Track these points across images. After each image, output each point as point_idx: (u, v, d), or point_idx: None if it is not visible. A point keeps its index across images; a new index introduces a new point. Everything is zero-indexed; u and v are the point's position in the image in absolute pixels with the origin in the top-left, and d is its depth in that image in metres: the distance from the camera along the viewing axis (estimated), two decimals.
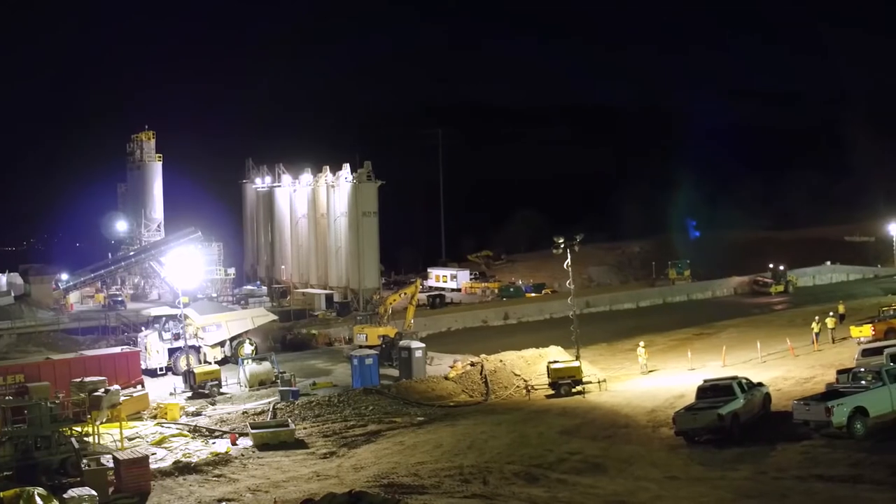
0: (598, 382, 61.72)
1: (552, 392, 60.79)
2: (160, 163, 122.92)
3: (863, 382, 41.83)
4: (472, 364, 66.83)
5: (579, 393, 60.00)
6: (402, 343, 68.93)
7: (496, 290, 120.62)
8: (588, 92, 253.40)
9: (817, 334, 67.47)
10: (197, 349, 71.40)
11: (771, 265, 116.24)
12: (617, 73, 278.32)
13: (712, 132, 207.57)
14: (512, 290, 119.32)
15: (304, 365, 72.71)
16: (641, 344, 68.30)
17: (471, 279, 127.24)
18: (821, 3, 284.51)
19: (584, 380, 61.21)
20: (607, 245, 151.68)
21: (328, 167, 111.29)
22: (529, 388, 62.26)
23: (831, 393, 42.19)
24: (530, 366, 65.93)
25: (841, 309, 79.60)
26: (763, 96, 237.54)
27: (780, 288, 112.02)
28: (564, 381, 60.70)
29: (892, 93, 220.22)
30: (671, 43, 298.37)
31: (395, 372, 67.10)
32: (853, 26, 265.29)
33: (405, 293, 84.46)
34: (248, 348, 72.51)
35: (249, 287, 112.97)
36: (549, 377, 61.46)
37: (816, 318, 69.47)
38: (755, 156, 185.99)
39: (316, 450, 47.85)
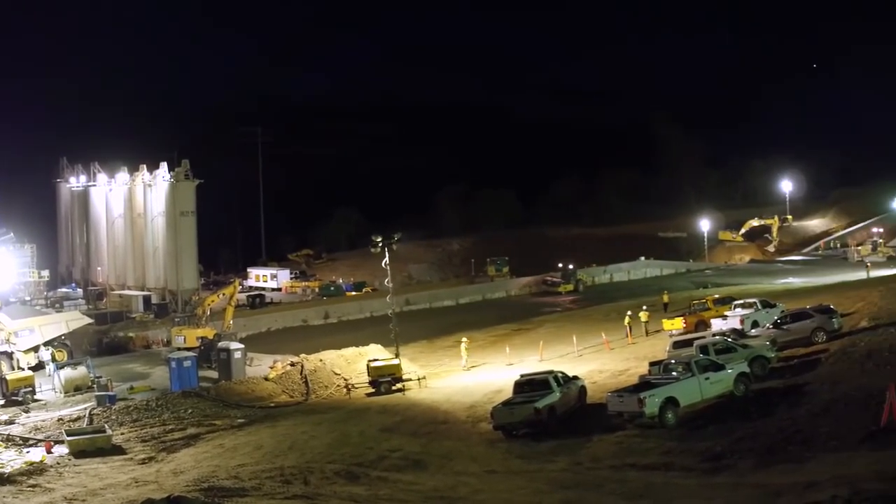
0: (418, 379, 62.28)
1: (372, 390, 61.03)
2: None
3: (674, 374, 43.05)
4: (293, 364, 66.53)
5: (399, 390, 60.42)
6: (221, 344, 68.32)
7: (317, 289, 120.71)
8: (410, 90, 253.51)
9: (631, 328, 69.37)
10: (9, 355, 69.23)
11: (560, 264, 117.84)
12: (441, 72, 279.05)
13: (532, 130, 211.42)
14: (332, 288, 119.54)
15: (122, 369, 71.27)
16: (464, 339, 69.14)
17: (291, 278, 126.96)
18: (637, 4, 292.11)
19: (404, 377, 61.70)
20: (427, 243, 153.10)
21: (145, 166, 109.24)
22: (350, 386, 62.26)
23: (644, 384, 43.32)
24: (350, 364, 66.12)
25: (665, 298, 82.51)
26: (581, 95, 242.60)
27: (570, 287, 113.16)
28: (384, 379, 61.02)
29: (703, 93, 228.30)
30: (493, 41, 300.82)
31: (214, 374, 66.32)
32: (668, 27, 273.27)
33: (224, 293, 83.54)
34: (45, 354, 70.61)
35: (64, 289, 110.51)
36: (369, 375, 61.69)
37: (629, 312, 71.47)
38: (573, 154, 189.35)
39: (134, 455, 46.90)
